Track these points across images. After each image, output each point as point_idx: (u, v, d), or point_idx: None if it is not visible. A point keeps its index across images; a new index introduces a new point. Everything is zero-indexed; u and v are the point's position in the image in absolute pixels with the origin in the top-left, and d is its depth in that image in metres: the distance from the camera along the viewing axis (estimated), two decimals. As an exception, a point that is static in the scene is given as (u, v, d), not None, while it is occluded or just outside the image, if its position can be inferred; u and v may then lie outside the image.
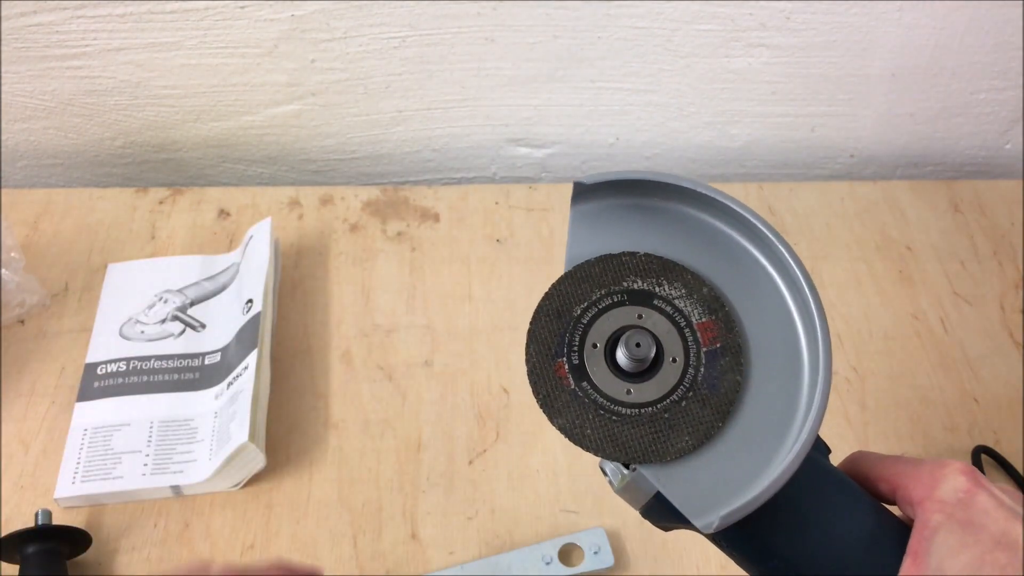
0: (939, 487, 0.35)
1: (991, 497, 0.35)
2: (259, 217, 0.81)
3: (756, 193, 0.87)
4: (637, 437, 0.35)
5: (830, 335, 0.36)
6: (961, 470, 0.36)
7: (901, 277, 0.81)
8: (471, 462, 0.67)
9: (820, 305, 0.36)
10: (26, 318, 0.73)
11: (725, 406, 0.36)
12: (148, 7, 0.76)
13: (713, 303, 0.37)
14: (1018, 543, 0.33)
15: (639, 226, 0.39)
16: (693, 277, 0.38)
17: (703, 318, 0.37)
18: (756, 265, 0.38)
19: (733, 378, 0.36)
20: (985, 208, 0.87)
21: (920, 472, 0.36)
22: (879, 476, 0.38)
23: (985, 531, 0.34)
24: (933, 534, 0.34)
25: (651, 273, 0.38)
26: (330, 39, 0.79)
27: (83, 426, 0.66)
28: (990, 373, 0.74)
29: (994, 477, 0.67)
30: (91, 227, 0.80)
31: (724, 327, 0.37)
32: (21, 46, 0.78)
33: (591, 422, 0.35)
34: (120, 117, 0.85)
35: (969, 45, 0.84)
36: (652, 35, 0.81)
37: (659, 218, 0.39)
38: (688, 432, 0.35)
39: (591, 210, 0.38)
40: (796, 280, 0.37)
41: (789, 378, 0.36)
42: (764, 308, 0.38)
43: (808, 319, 0.37)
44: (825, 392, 0.35)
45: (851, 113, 0.89)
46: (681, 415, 0.36)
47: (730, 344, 0.37)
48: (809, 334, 0.37)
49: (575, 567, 0.61)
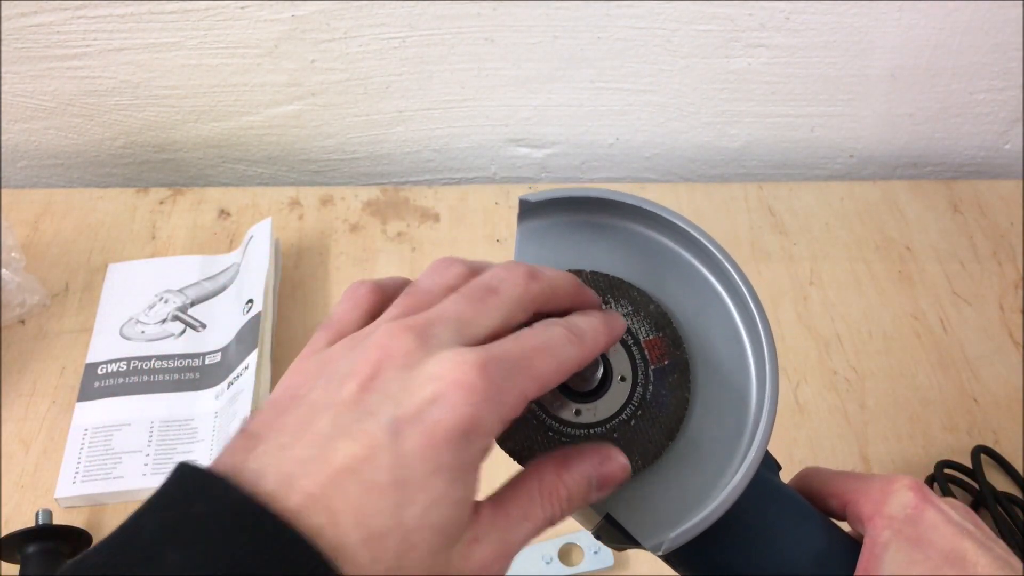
0: (888, 503, 0.35)
1: (939, 513, 0.35)
2: (259, 217, 0.81)
3: (756, 193, 0.87)
4: None
5: (776, 353, 0.35)
6: (909, 486, 0.36)
7: (901, 277, 0.81)
8: (471, 462, 0.67)
9: (766, 322, 0.36)
10: (26, 318, 0.73)
11: (674, 424, 0.35)
12: (148, 7, 0.76)
13: (660, 320, 0.37)
14: (966, 559, 0.33)
15: (587, 244, 0.38)
16: (640, 294, 0.37)
17: (651, 335, 0.36)
18: (703, 282, 0.38)
19: (682, 395, 0.36)
20: (985, 208, 0.87)
21: (869, 488, 0.36)
22: (829, 492, 0.38)
23: (934, 547, 0.34)
24: (883, 551, 0.34)
25: (598, 290, 0.37)
26: (330, 39, 0.80)
27: (83, 426, 0.66)
28: (990, 373, 0.74)
29: (994, 477, 0.67)
30: (91, 227, 0.81)
31: (672, 344, 0.36)
32: (21, 46, 0.78)
33: (540, 444, 0.34)
34: (120, 117, 0.85)
35: (969, 45, 0.84)
36: (652, 35, 0.81)
37: (607, 235, 0.38)
38: (637, 452, 0.35)
39: (538, 227, 0.38)
40: (743, 297, 0.36)
41: (737, 395, 0.36)
42: (711, 325, 0.37)
43: (755, 336, 0.36)
44: (772, 410, 0.34)
45: (851, 113, 0.90)
46: (630, 435, 0.35)
47: (678, 361, 0.36)
48: (756, 352, 0.36)
49: (575, 567, 0.61)
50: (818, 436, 0.70)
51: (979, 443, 0.68)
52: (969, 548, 0.33)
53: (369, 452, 0.25)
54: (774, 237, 0.83)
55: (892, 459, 0.68)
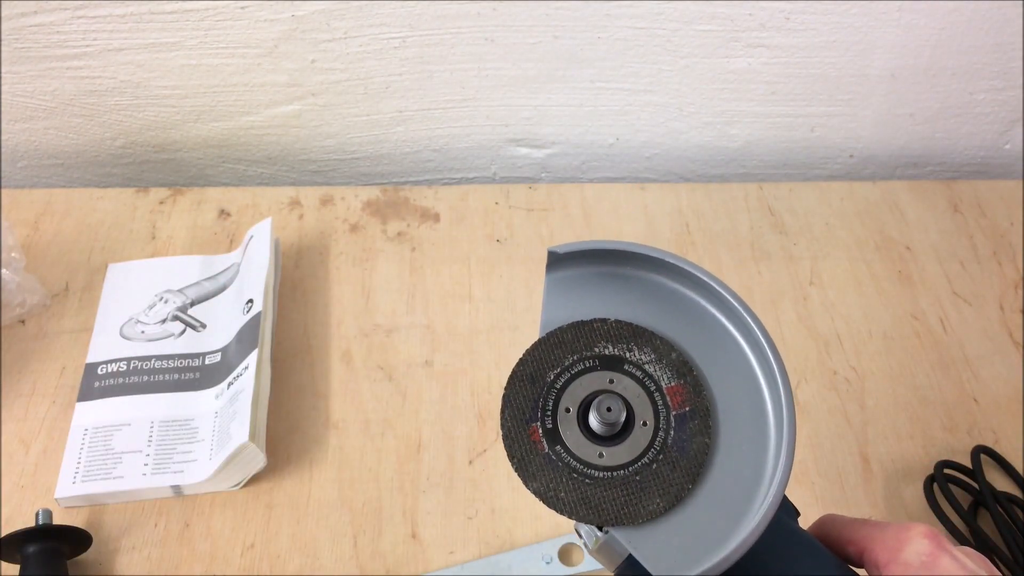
0: (903, 550, 0.36)
1: (953, 560, 0.36)
2: (259, 217, 0.81)
3: (756, 193, 0.87)
4: (610, 500, 0.36)
5: (793, 399, 0.37)
6: (925, 534, 0.36)
7: (900, 277, 0.81)
8: (471, 462, 0.67)
9: (784, 370, 0.37)
10: (26, 318, 0.73)
11: (695, 468, 0.36)
12: (148, 7, 0.76)
13: (682, 367, 0.38)
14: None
15: (611, 293, 0.40)
16: (662, 342, 0.39)
17: (672, 382, 0.38)
18: (723, 331, 0.40)
19: (702, 440, 0.37)
20: (985, 208, 0.87)
21: (885, 535, 0.37)
22: (847, 539, 0.39)
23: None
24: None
25: (622, 339, 0.39)
26: (330, 39, 0.80)
27: (83, 426, 0.66)
28: (989, 373, 0.74)
29: (993, 477, 0.67)
30: (91, 227, 0.81)
31: (692, 391, 0.38)
32: (21, 46, 0.78)
33: (565, 485, 0.36)
34: (120, 117, 0.85)
35: (969, 45, 0.84)
36: (652, 35, 0.81)
37: (630, 286, 0.40)
38: (659, 494, 0.36)
39: (565, 277, 0.40)
40: (761, 346, 0.38)
41: (756, 441, 0.37)
42: (731, 373, 0.39)
43: (772, 383, 0.37)
44: (790, 455, 0.35)
45: (851, 113, 0.90)
46: (652, 478, 0.36)
47: (699, 407, 0.37)
48: (774, 398, 0.38)
49: (575, 567, 0.61)
50: (818, 436, 0.70)
51: (979, 443, 0.68)
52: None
53: None
54: (774, 237, 0.83)
55: (892, 459, 0.68)
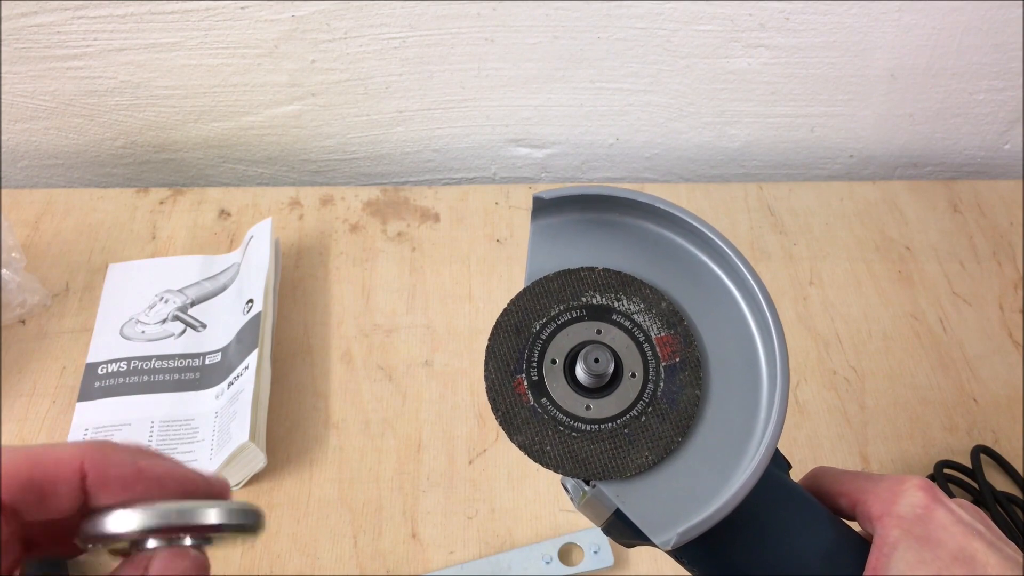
0: (898, 503, 0.35)
1: (949, 513, 0.35)
2: (259, 217, 0.81)
3: (756, 193, 0.87)
4: (597, 453, 0.35)
5: (787, 350, 0.36)
6: (920, 486, 0.36)
7: (900, 277, 0.81)
8: (471, 462, 0.67)
9: (777, 320, 0.36)
10: (27, 318, 0.74)
11: (684, 421, 0.35)
12: (149, 7, 0.76)
13: (672, 317, 0.37)
14: (976, 559, 0.33)
15: (599, 241, 0.38)
16: (652, 292, 0.37)
17: (662, 332, 0.37)
18: (715, 280, 0.38)
19: (692, 392, 0.36)
20: (984, 208, 0.87)
21: (879, 488, 0.37)
22: (839, 492, 0.38)
23: (943, 547, 0.34)
24: (892, 550, 0.34)
25: (610, 288, 0.37)
26: (330, 40, 0.80)
27: (84, 426, 0.66)
28: (989, 373, 0.74)
29: (993, 477, 0.67)
30: (92, 227, 0.81)
31: (683, 341, 0.37)
32: (22, 47, 0.78)
33: (551, 439, 0.35)
34: (121, 117, 0.85)
35: (968, 45, 0.84)
36: (652, 35, 0.81)
37: (619, 233, 0.39)
38: (648, 448, 0.35)
39: (551, 225, 0.38)
40: (754, 295, 0.37)
41: (748, 393, 0.36)
42: (723, 323, 0.38)
43: (766, 334, 0.36)
44: (783, 407, 0.34)
45: (850, 113, 0.90)
46: (641, 431, 0.35)
47: (689, 358, 0.36)
48: (767, 349, 0.37)
49: (575, 566, 0.61)
50: (818, 436, 0.70)
51: (979, 443, 0.68)
52: (979, 548, 0.33)
53: None
54: (774, 237, 0.83)
55: (891, 459, 0.68)
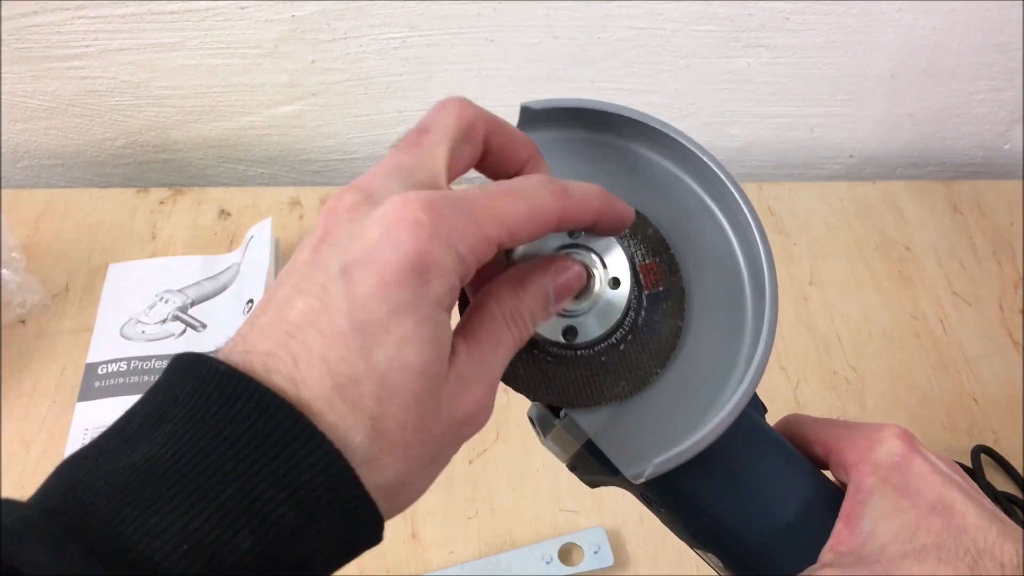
0: (874, 451, 0.34)
1: (927, 462, 0.34)
2: (260, 217, 0.81)
3: (756, 193, 0.87)
4: (572, 380, 0.33)
5: (777, 287, 0.34)
6: (897, 434, 0.34)
7: (900, 277, 0.81)
8: (471, 462, 0.67)
9: (770, 254, 0.34)
10: (27, 318, 0.73)
11: (664, 352, 0.34)
12: (148, 7, 0.76)
13: (658, 245, 0.35)
14: (954, 508, 0.32)
15: (587, 162, 0.36)
16: (639, 217, 0.35)
17: (646, 260, 0.35)
18: (705, 210, 0.36)
19: (674, 323, 0.34)
20: (984, 208, 0.87)
21: (855, 435, 0.35)
22: (813, 439, 0.37)
23: (921, 496, 0.32)
24: (867, 497, 0.33)
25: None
26: (330, 40, 0.80)
27: (84, 426, 0.66)
28: (989, 373, 0.74)
29: (993, 477, 0.67)
30: (92, 227, 0.81)
31: (668, 270, 0.35)
32: (22, 47, 0.78)
33: (524, 361, 0.33)
34: (121, 117, 0.85)
35: (969, 45, 0.84)
36: (652, 35, 0.81)
37: (608, 155, 0.37)
38: (625, 377, 0.33)
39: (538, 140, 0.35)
40: (746, 228, 0.35)
41: (732, 329, 0.35)
42: (710, 255, 0.36)
43: (756, 269, 0.35)
44: (768, 343, 0.33)
45: (851, 113, 0.90)
46: (619, 359, 0.34)
47: (673, 288, 0.35)
48: (756, 285, 0.35)
49: (575, 567, 0.61)
50: (818, 436, 0.70)
51: (979, 443, 0.68)
52: (958, 498, 0.32)
53: (322, 303, 0.25)
54: (774, 237, 0.83)
55: (892, 459, 0.68)
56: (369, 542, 0.26)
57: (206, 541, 0.22)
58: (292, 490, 0.23)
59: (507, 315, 0.29)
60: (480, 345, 0.28)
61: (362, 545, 0.25)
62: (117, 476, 0.23)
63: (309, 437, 0.23)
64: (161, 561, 0.22)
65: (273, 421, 0.23)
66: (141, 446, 0.24)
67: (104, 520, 0.22)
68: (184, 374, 0.25)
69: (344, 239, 0.26)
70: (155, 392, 0.26)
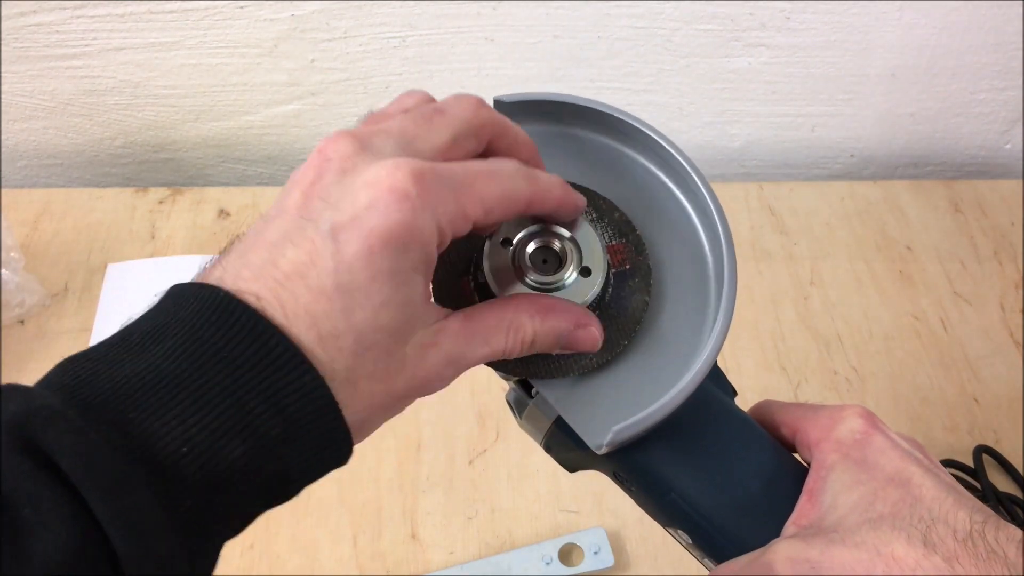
0: (836, 428, 0.35)
1: (887, 439, 0.35)
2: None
3: (756, 193, 0.87)
4: (541, 354, 0.35)
5: (736, 265, 0.36)
6: (859, 413, 0.36)
7: (901, 277, 0.81)
8: (471, 462, 0.67)
9: (728, 234, 0.36)
10: (26, 318, 0.73)
11: (631, 325, 0.35)
12: (148, 7, 0.76)
13: (624, 227, 0.37)
14: (911, 481, 0.33)
15: (558, 154, 0.39)
16: (606, 203, 0.38)
17: (613, 241, 0.37)
18: (670, 195, 0.39)
19: (641, 299, 0.36)
20: (985, 208, 0.87)
21: (819, 415, 0.37)
22: (780, 421, 0.38)
23: (879, 469, 0.34)
24: (829, 472, 0.34)
25: None
26: (330, 39, 0.79)
27: (83, 426, 0.66)
28: (990, 373, 0.74)
29: (995, 477, 0.67)
30: (91, 227, 0.80)
31: (634, 250, 0.37)
32: (21, 46, 0.78)
33: None
34: (120, 117, 0.85)
35: (969, 45, 0.84)
36: (652, 35, 0.81)
37: (578, 147, 0.39)
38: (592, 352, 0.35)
39: None
40: (707, 209, 0.37)
41: (697, 307, 0.37)
42: (675, 237, 0.38)
43: (717, 248, 0.37)
44: (727, 319, 0.35)
45: (851, 113, 0.89)
46: None
47: (639, 266, 0.37)
48: (717, 263, 0.37)
49: (575, 567, 0.61)
50: (818, 436, 0.69)
51: (980, 443, 0.68)
52: (915, 472, 0.33)
53: (311, 258, 0.27)
54: (775, 237, 0.83)
55: (893, 459, 0.68)
56: (339, 461, 0.29)
57: (203, 446, 0.25)
58: (280, 408, 0.26)
59: (513, 329, 0.32)
60: (471, 333, 0.31)
61: (333, 463, 0.29)
62: (122, 382, 0.25)
63: (299, 364, 0.26)
64: (163, 460, 0.24)
65: (267, 346, 0.26)
66: (144, 358, 0.26)
67: (111, 421, 0.25)
68: (186, 298, 0.27)
69: (335, 193, 0.28)
70: (156, 312, 0.28)
